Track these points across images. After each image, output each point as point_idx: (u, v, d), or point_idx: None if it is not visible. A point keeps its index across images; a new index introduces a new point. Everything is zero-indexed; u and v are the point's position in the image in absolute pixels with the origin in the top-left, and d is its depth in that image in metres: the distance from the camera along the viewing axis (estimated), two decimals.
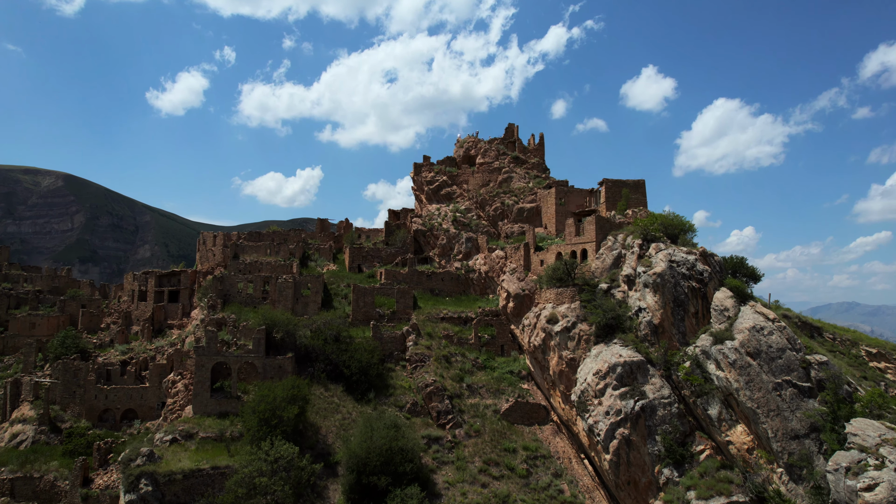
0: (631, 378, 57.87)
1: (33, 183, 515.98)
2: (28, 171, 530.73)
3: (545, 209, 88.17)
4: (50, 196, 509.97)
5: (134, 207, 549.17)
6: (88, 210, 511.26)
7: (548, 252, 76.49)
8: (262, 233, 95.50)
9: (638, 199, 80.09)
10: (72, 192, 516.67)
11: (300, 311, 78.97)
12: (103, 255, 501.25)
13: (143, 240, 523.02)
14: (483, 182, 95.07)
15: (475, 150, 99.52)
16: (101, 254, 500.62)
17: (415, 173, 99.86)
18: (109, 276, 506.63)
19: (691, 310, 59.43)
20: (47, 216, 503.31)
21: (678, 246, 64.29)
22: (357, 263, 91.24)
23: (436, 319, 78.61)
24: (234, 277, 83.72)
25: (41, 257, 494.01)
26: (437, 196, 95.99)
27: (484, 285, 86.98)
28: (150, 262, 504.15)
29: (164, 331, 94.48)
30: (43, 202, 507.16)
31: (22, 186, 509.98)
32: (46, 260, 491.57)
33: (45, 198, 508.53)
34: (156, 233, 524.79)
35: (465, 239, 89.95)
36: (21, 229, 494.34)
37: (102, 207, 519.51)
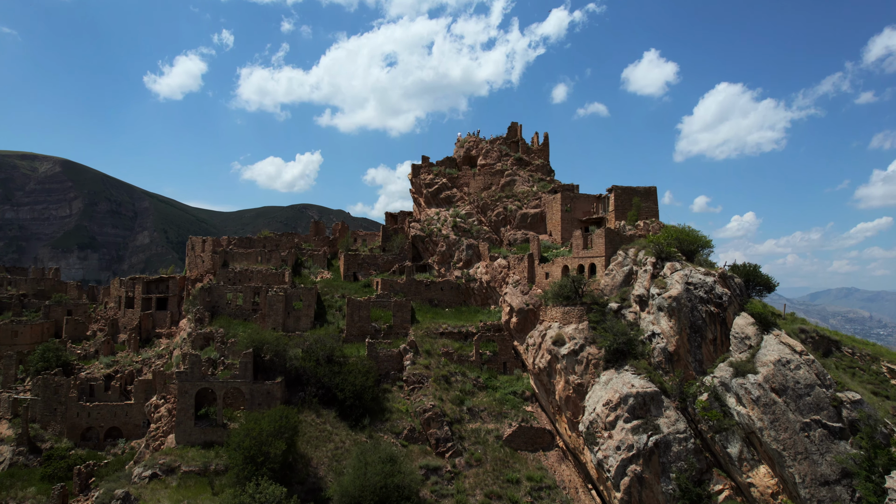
0: (644, 410, 53.50)
1: (31, 168, 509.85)
2: (25, 156, 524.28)
3: (550, 215, 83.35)
4: (48, 182, 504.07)
5: (132, 193, 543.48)
6: (86, 196, 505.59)
7: (553, 265, 71.82)
8: (254, 238, 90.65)
9: (649, 207, 75.24)
10: (70, 177, 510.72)
11: (292, 325, 74.51)
12: (102, 242, 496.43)
13: (141, 226, 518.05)
14: (484, 185, 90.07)
15: (476, 151, 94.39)
16: (100, 240, 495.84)
17: (413, 175, 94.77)
18: (108, 263, 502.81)
19: (709, 336, 54.90)
20: (45, 202, 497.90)
21: (695, 265, 59.61)
22: (352, 271, 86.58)
23: (435, 335, 74.15)
24: (223, 288, 79.13)
25: (40, 243, 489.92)
26: (437, 199, 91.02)
27: (485, 295, 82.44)
28: (150, 248, 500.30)
29: (152, 340, 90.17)
30: (41, 188, 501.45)
31: (19, 172, 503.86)
32: (45, 246, 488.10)
33: (43, 183, 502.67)
34: (155, 219, 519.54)
35: (465, 246, 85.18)
36: (19, 215, 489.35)
37: (101, 193, 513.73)
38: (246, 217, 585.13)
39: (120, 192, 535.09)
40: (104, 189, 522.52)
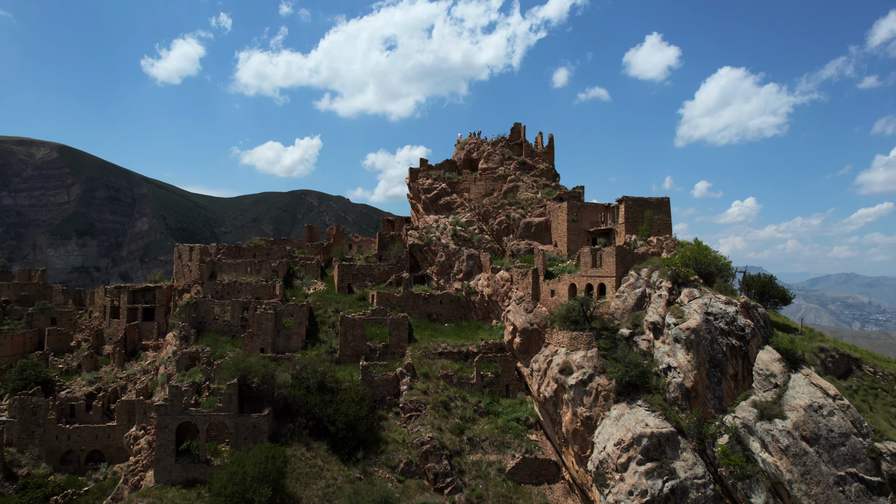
0: (659, 452, 49.07)
1: (27, 154, 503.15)
2: (22, 142, 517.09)
3: (555, 225, 78.44)
4: (45, 168, 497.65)
5: (131, 179, 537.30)
6: (84, 182, 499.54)
7: (560, 282, 67.06)
8: (243, 247, 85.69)
9: (661, 219, 70.30)
10: (67, 163, 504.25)
11: (282, 344, 69.95)
12: (101, 228, 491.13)
13: (140, 212, 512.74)
14: (486, 191, 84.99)
15: (477, 153, 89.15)
16: (99, 227, 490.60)
17: (410, 179, 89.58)
18: (107, 250, 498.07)
19: (730, 371, 50.31)
20: (43, 188, 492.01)
21: (714, 291, 54.83)
22: (347, 283, 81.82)
23: (433, 355, 69.59)
24: (210, 303, 74.46)
25: (38, 230, 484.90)
26: (436, 206, 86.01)
27: (486, 309, 77.81)
28: (149, 234, 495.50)
29: (138, 352, 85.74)
30: (38, 174, 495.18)
31: (16, 158, 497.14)
32: (43, 233, 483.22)
33: (41, 169, 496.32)
34: (154, 205, 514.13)
35: (466, 256, 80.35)
36: (17, 202, 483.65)
37: (99, 179, 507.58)
38: (245, 203, 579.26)
39: (118, 178, 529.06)
40: (102, 175, 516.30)
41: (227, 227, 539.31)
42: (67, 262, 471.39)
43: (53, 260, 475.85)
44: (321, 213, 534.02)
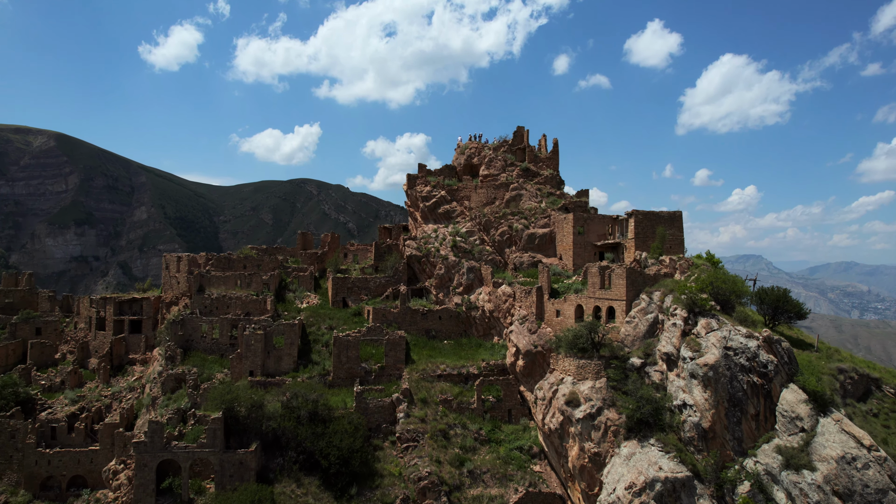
0: (673, 498, 45.29)
1: (24, 143, 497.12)
2: (18, 130, 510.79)
3: (561, 237, 74.22)
4: (42, 156, 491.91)
5: (129, 168, 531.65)
6: (82, 171, 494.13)
7: (566, 302, 62.98)
8: (233, 259, 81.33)
9: (673, 234, 66.11)
10: (64, 152, 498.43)
11: (272, 366, 66.04)
12: (99, 217, 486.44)
13: (139, 201, 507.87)
14: (487, 199, 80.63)
15: (478, 159, 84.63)
16: (98, 216, 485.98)
17: (408, 186, 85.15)
18: (106, 239, 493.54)
19: (751, 411, 46.40)
20: (41, 177, 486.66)
21: (733, 321, 50.78)
22: (341, 297, 77.77)
23: (431, 377, 65.70)
24: (197, 320, 70.49)
25: (36, 219, 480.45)
26: (435, 214, 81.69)
27: (488, 325, 73.88)
28: (147, 223, 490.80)
29: (125, 367, 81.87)
30: (35, 162, 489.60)
31: (13, 146, 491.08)
32: (42, 222, 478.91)
33: (38, 158, 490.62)
34: (152, 194, 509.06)
35: (466, 269, 76.24)
36: (14, 190, 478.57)
37: (97, 168, 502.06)
38: (244, 192, 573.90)
39: (116, 167, 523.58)
40: (100, 164, 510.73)
41: (226, 216, 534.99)
42: (66, 252, 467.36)
43: (52, 249, 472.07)
44: (320, 201, 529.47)
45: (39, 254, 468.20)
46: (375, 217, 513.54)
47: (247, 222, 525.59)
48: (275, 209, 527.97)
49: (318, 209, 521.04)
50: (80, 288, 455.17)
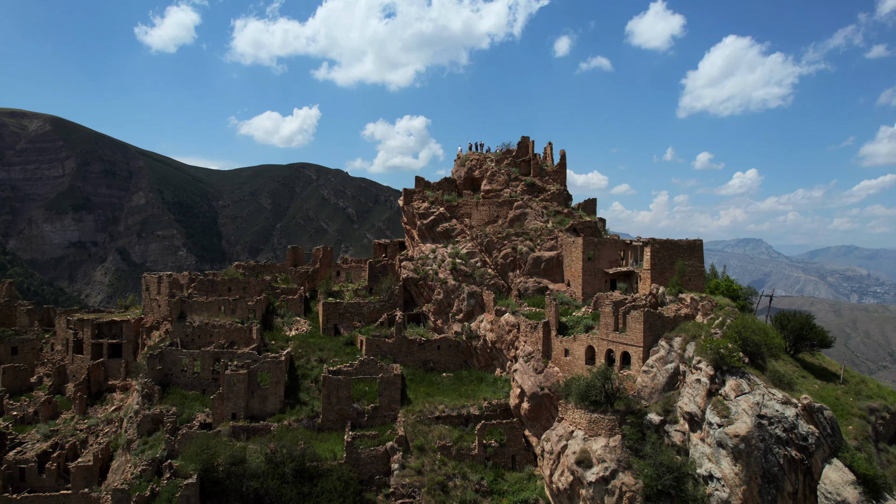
0: None
1: (20, 127, 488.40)
2: (14, 113, 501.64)
3: (569, 262, 68.33)
4: (38, 141, 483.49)
5: (126, 152, 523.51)
6: (79, 155, 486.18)
7: (575, 342, 57.28)
8: (217, 281, 75.40)
9: (693, 266, 60.23)
10: (61, 136, 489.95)
11: (256, 407, 60.55)
12: (97, 203, 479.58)
13: (137, 186, 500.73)
14: (490, 217, 74.55)
15: (480, 172, 78.32)
16: (95, 201, 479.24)
17: (404, 202, 78.92)
18: (104, 224, 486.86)
19: (788, 489, 40.93)
20: (37, 162, 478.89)
21: (766, 381, 45.08)
22: (333, 323, 72.06)
23: (429, 420, 60.23)
24: (177, 353, 64.89)
25: (34, 205, 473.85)
26: (433, 233, 75.66)
27: (489, 356, 68.35)
28: (146, 209, 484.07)
29: (104, 395, 76.56)
30: (31, 147, 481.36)
31: (9, 130, 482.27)
32: (39, 208, 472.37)
33: (34, 142, 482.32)
34: (150, 179, 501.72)
35: (466, 294, 70.49)
36: (11, 175, 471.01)
37: (94, 153, 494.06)
38: (243, 176, 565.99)
39: (113, 151, 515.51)
40: (97, 148, 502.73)
41: (224, 201, 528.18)
42: (64, 237, 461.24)
43: (50, 235, 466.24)
44: (319, 186, 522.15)
45: (37, 240, 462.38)
46: (375, 202, 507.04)
47: (245, 207, 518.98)
48: (274, 194, 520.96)
49: (318, 194, 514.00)
50: (78, 274, 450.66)
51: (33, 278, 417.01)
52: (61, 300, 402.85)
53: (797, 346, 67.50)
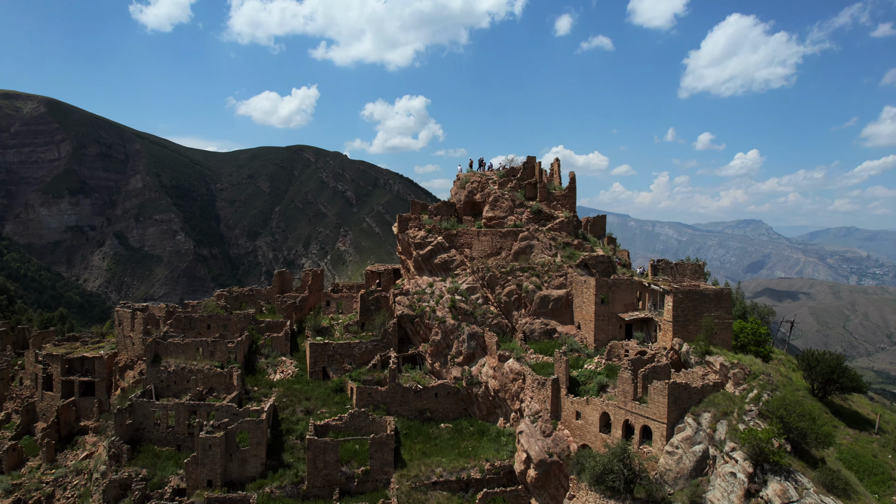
0: None
1: (14, 108, 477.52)
2: (7, 95, 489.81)
3: (580, 303, 61.60)
4: (33, 123, 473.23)
5: (123, 135, 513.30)
6: (75, 138, 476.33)
7: (588, 404, 50.82)
8: (195, 317, 68.58)
9: (720, 318, 53.46)
10: (55, 118, 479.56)
11: (235, 471, 54.30)
12: (94, 186, 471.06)
13: (134, 169, 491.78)
14: (492, 248, 67.60)
15: (481, 195, 71.08)
16: (92, 184, 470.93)
17: (399, 230, 71.81)
18: (101, 208, 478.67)
19: None
20: (32, 144, 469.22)
21: (816, 483, 38.57)
22: (321, 366, 65.59)
23: (425, 486, 53.99)
24: (149, 406, 58.48)
25: (29, 188, 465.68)
26: (430, 265, 68.78)
27: (492, 404, 62.05)
28: (143, 192, 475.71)
29: (75, 438, 70.45)
30: (26, 129, 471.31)
31: (3, 112, 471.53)
32: (35, 192, 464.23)
33: (29, 125, 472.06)
34: (147, 162, 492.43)
35: (467, 335, 63.94)
36: (6, 158, 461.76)
37: (89, 135, 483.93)
38: (241, 158, 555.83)
39: (109, 134, 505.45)
40: (93, 131, 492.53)
41: (222, 184, 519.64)
42: (61, 222, 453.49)
43: (46, 219, 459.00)
44: (318, 169, 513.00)
45: (34, 224, 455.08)
46: (374, 185, 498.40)
47: (244, 190, 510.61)
48: (272, 177, 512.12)
49: (316, 177, 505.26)
50: (76, 259, 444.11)
51: (31, 263, 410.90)
52: (59, 285, 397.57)
53: (826, 389, 61.54)
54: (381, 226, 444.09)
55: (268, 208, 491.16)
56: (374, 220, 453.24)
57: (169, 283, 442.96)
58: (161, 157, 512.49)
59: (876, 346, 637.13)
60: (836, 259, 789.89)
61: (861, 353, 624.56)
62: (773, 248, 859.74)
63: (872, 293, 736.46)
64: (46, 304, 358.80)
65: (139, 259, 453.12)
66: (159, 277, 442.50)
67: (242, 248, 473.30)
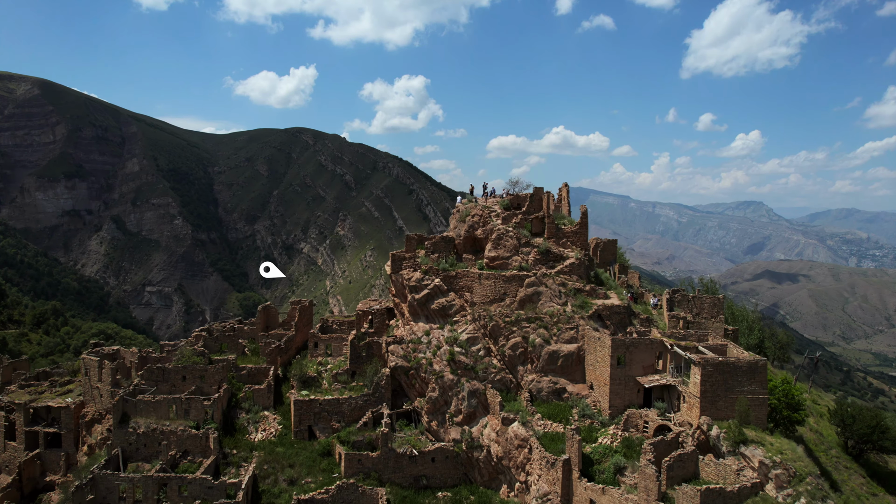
0: None
1: (7, 90, 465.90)
2: (1, 76, 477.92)
3: (592, 360, 54.85)
4: (27, 105, 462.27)
5: (119, 117, 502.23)
6: (70, 121, 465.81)
7: (604, 494, 44.41)
8: (168, 369, 61.71)
9: (755, 393, 46.71)
10: (50, 100, 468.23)
11: None
12: (90, 170, 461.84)
13: (130, 152, 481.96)
14: (495, 294, 60.57)
15: (483, 231, 63.81)
16: (88, 168, 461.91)
17: (392, 269, 64.58)
18: (98, 192, 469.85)
19: None
20: (26, 127, 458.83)
21: None
22: (307, 425, 59.02)
23: None
24: (113, 479, 52.06)
25: (25, 171, 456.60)
26: (426, 310, 61.86)
27: (494, 469, 55.65)
28: (140, 176, 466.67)
29: (39, 496, 64.19)
30: (20, 112, 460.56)
31: None
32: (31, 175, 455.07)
33: (22, 107, 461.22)
34: (144, 145, 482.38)
35: (467, 393, 57.36)
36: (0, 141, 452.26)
37: (84, 118, 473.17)
38: (239, 141, 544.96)
39: (105, 116, 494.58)
40: (88, 113, 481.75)
41: (220, 167, 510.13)
42: (57, 206, 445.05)
43: (43, 203, 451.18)
44: (316, 152, 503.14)
45: (30, 208, 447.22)
46: (373, 168, 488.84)
47: (242, 173, 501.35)
48: (270, 160, 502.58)
49: (314, 160, 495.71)
50: (73, 244, 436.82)
51: (27, 249, 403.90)
52: (56, 271, 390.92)
53: (862, 449, 55.57)
54: (381, 210, 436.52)
55: (266, 192, 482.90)
56: (374, 204, 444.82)
57: (167, 268, 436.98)
58: (158, 139, 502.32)
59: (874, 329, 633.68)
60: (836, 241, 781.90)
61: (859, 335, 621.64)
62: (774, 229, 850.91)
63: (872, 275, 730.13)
64: (43, 292, 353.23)
65: (137, 244, 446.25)
66: (157, 262, 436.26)
67: (241, 233, 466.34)
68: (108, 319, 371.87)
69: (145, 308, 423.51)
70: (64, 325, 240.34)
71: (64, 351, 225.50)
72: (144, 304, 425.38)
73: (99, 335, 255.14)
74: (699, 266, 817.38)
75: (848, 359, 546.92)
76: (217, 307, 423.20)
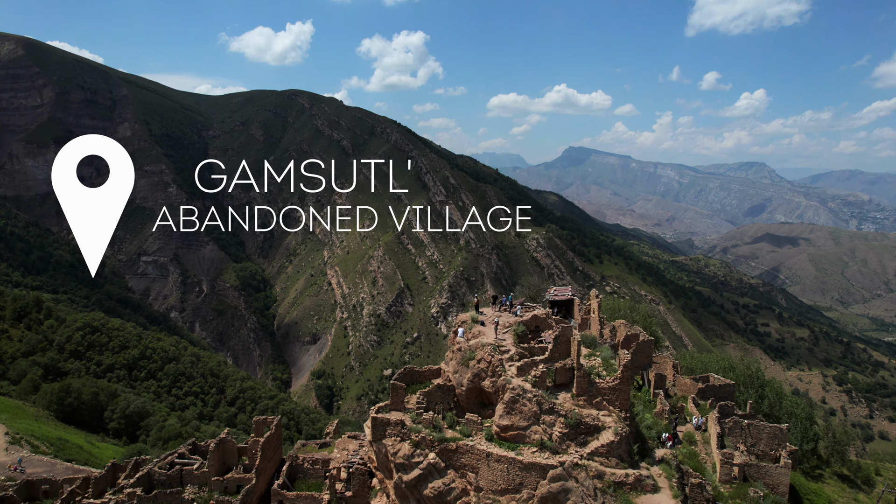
0: None
1: None
2: None
3: None
4: (11, 67, 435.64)
5: (108, 79, 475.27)
6: (57, 83, 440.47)
7: None
8: None
9: None
10: (35, 61, 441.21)
11: None
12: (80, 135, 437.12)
13: (122, 117, 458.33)
14: (508, 482, 44.32)
15: (492, 383, 47.38)
16: (78, 133, 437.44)
17: (374, 437, 48.03)
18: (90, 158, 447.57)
19: None
20: (12, 90, 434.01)
21: None
22: None
23: None
24: None
25: (13, 137, 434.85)
26: (418, 494, 46.10)
27: None
28: (132, 141, 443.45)
29: None
30: (4, 73, 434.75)
31: None
32: (19, 141, 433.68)
33: (6, 68, 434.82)
34: (135, 108, 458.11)
35: None
36: None
37: (72, 80, 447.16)
38: (234, 103, 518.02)
39: (94, 79, 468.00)
40: (76, 75, 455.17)
41: (215, 131, 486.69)
42: (47, 173, 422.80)
43: (33, 170, 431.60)
44: (313, 116, 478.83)
45: (20, 175, 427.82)
46: (371, 134, 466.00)
47: (237, 138, 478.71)
48: (265, 124, 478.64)
49: (311, 124, 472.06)
50: None
51: (17, 219, 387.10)
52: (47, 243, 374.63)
53: None
54: (379, 178, 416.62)
55: (260, 158, 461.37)
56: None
57: (162, 238, 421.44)
58: (150, 102, 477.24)
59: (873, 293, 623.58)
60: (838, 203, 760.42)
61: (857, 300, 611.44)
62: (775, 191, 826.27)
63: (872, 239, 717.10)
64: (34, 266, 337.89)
65: (131, 212, 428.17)
66: (152, 232, 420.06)
67: (236, 200, 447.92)
68: (101, 294, 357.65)
69: (141, 278, 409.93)
70: (48, 317, 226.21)
71: (46, 349, 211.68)
72: (140, 273, 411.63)
73: (84, 328, 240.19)
74: (699, 228, 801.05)
75: (846, 325, 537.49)
76: (214, 278, 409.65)
